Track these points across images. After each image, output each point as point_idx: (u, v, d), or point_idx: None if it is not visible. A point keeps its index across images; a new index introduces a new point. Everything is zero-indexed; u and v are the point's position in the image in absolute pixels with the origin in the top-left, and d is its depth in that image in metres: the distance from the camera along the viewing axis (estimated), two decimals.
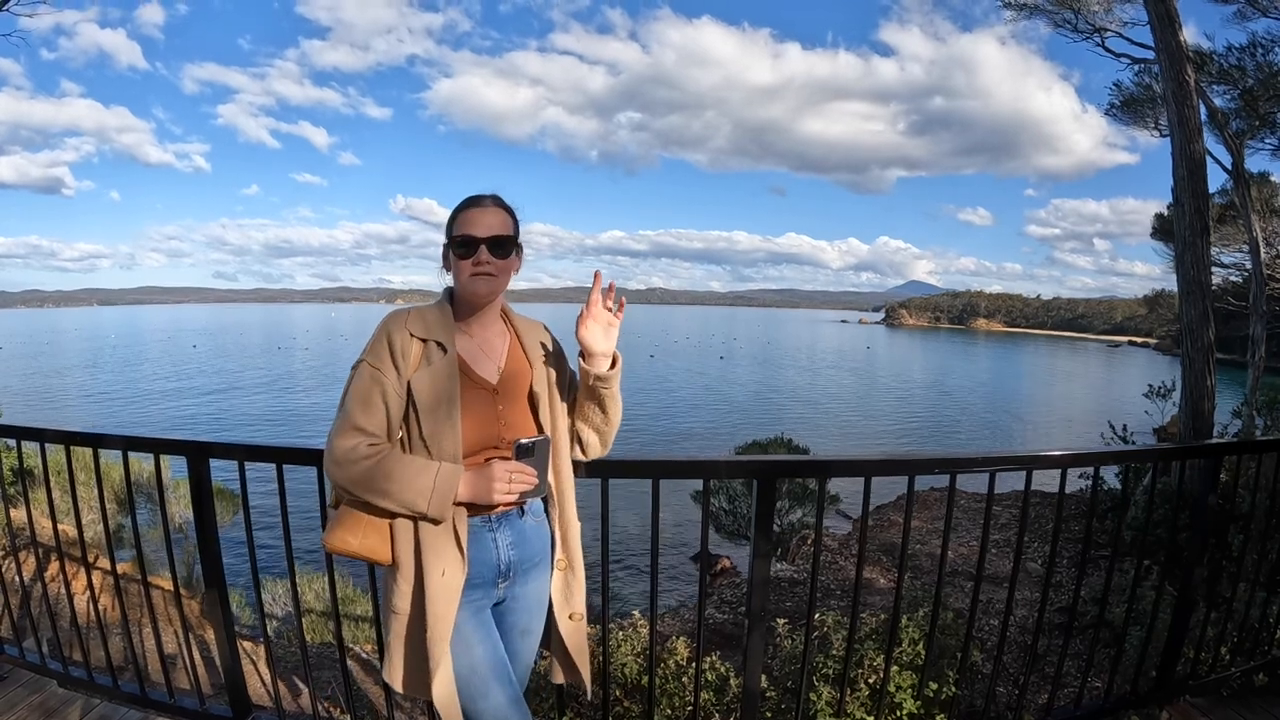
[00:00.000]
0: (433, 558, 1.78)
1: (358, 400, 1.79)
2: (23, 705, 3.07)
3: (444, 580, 1.78)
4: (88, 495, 5.70)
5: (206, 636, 4.91)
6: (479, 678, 1.84)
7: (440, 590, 1.78)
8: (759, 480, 2.42)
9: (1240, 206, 13.10)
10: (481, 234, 1.85)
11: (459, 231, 1.86)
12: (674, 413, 40.92)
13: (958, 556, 8.24)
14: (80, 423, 6.63)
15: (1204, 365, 7.84)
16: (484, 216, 1.88)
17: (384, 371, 1.79)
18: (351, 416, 1.78)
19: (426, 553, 1.78)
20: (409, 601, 1.82)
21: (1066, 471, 2.62)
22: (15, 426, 3.12)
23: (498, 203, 1.92)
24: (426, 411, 1.80)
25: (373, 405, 1.78)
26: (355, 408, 1.78)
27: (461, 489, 1.77)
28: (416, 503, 1.73)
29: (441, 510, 1.75)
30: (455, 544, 1.80)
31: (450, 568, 1.79)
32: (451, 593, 1.79)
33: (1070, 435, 35.35)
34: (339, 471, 1.76)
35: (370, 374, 1.80)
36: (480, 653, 1.86)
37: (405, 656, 1.85)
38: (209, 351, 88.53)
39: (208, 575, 2.77)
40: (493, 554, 1.91)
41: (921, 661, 3.05)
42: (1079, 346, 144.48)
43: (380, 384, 1.79)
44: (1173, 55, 7.96)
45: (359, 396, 1.79)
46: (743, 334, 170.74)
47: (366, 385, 1.79)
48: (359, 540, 1.80)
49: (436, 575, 1.78)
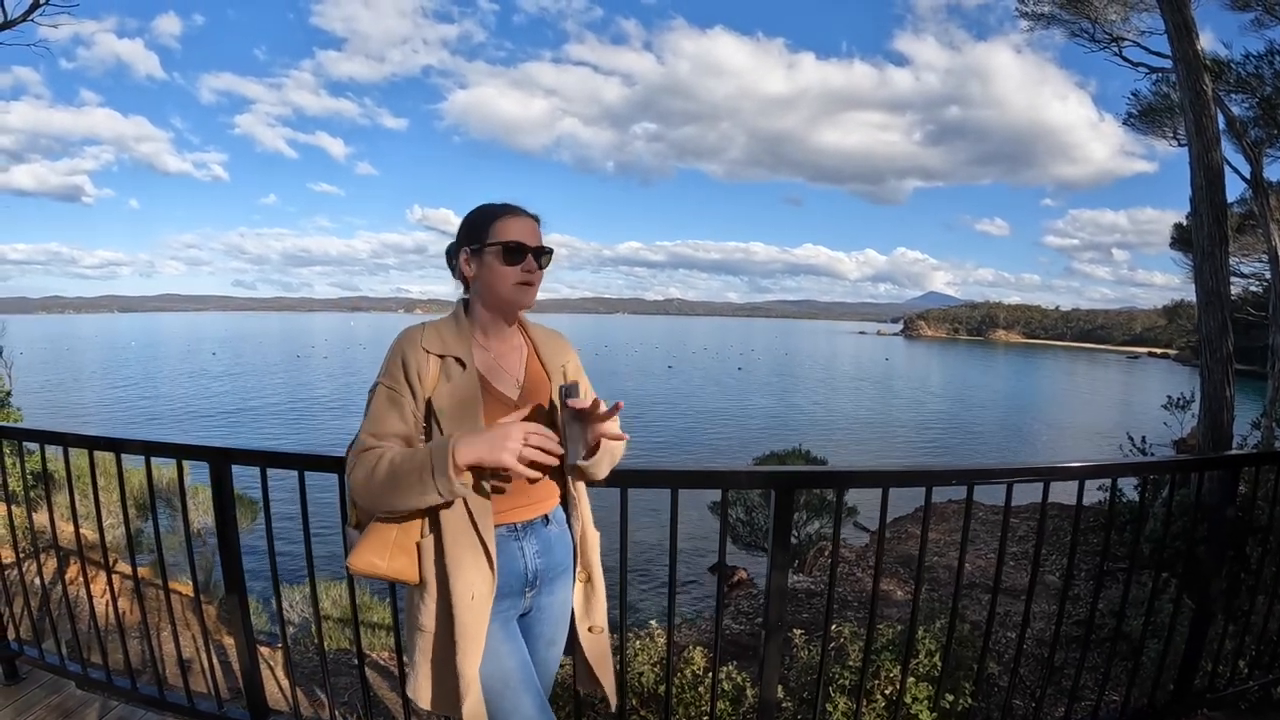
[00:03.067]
0: (460, 578, 1.75)
1: (370, 420, 1.77)
2: (41, 706, 3.10)
3: (474, 604, 1.75)
4: (108, 500, 5.76)
5: (224, 641, 4.95)
6: (511, 690, 1.81)
7: (470, 613, 1.74)
8: (777, 491, 2.41)
9: (1259, 216, 12.98)
10: (530, 242, 1.84)
11: (508, 238, 1.82)
12: (692, 423, 40.95)
13: (975, 569, 8.18)
14: (99, 428, 6.71)
15: (1223, 376, 7.78)
16: (528, 225, 1.86)
17: (400, 392, 1.77)
18: (362, 438, 1.76)
19: (453, 573, 1.75)
20: (435, 620, 1.79)
21: (1084, 483, 2.59)
22: (39, 430, 3.16)
23: (530, 212, 1.90)
24: (450, 429, 1.75)
25: (386, 424, 1.75)
26: (367, 428, 1.77)
27: (463, 449, 1.63)
28: (424, 480, 1.63)
29: (447, 478, 1.62)
30: (485, 558, 1.77)
31: (479, 589, 1.75)
32: (481, 614, 1.76)
33: (1089, 448, 35.09)
34: (358, 494, 1.75)
35: (387, 395, 1.77)
36: (512, 665, 1.83)
37: (432, 674, 1.81)
38: (228, 359, 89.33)
39: (228, 580, 2.79)
40: (520, 563, 1.87)
41: (938, 673, 3.04)
42: (1098, 358, 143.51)
43: (398, 405, 1.76)
44: (1190, 64, 7.92)
45: (372, 417, 1.77)
46: (760, 345, 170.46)
47: (381, 405, 1.77)
48: (386, 562, 1.76)
49: (465, 598, 1.74)
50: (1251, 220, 14.69)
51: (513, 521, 1.87)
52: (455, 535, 1.75)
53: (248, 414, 41.45)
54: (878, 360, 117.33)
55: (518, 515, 1.88)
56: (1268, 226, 12.48)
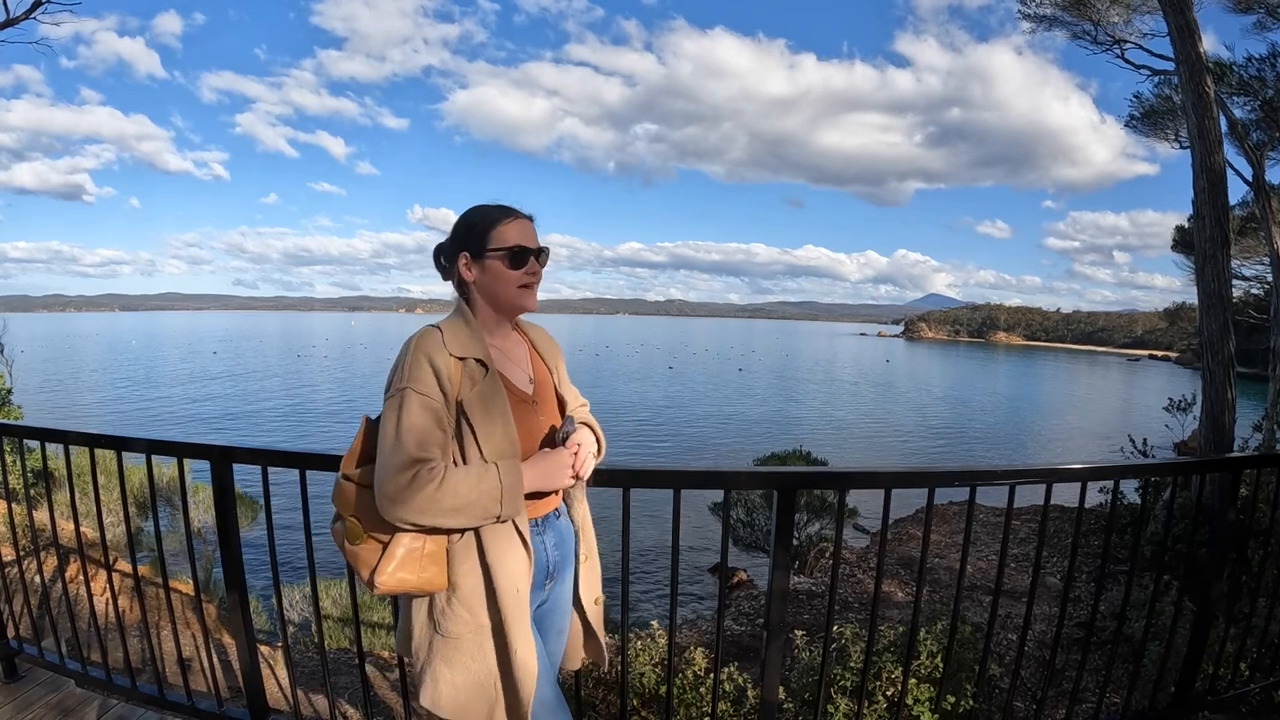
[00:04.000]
0: (503, 573, 1.75)
1: (410, 431, 1.67)
2: (40, 704, 3.10)
3: (519, 597, 1.76)
4: (109, 498, 5.76)
5: (224, 640, 4.94)
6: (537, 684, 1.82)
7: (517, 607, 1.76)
8: (778, 492, 2.42)
9: (1261, 219, 12.96)
10: (533, 245, 1.85)
11: (511, 242, 1.83)
12: (693, 424, 40.96)
13: (976, 570, 8.19)
14: (99, 427, 6.84)
15: (1224, 378, 7.77)
16: (527, 228, 1.87)
17: (431, 396, 1.70)
18: (405, 449, 1.65)
19: (496, 569, 1.75)
20: (467, 624, 1.76)
21: (1086, 485, 2.59)
22: (40, 428, 3.15)
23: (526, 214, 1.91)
24: (483, 428, 1.75)
25: (427, 434, 1.68)
26: (408, 439, 1.66)
27: (528, 476, 1.75)
28: (489, 508, 1.68)
29: (516, 506, 1.71)
30: (523, 550, 1.79)
31: (522, 582, 1.77)
32: (526, 606, 1.79)
33: (1090, 450, 35.09)
34: (400, 509, 1.64)
35: (419, 401, 1.69)
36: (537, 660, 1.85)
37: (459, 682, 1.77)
38: (229, 358, 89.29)
39: (228, 579, 2.79)
40: (544, 556, 1.92)
41: (939, 674, 3.04)
42: (1099, 360, 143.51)
43: (431, 409, 1.70)
44: (1192, 66, 7.91)
45: (410, 427, 1.67)
46: (761, 346, 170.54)
47: (416, 413, 1.68)
48: (418, 575, 1.72)
49: (511, 592, 1.75)
50: (1253, 223, 14.67)
51: (535, 516, 1.91)
52: (494, 531, 1.76)
53: (248, 415, 41.41)
54: (879, 362, 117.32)
55: (539, 509, 1.92)
56: (1269, 229, 12.47)
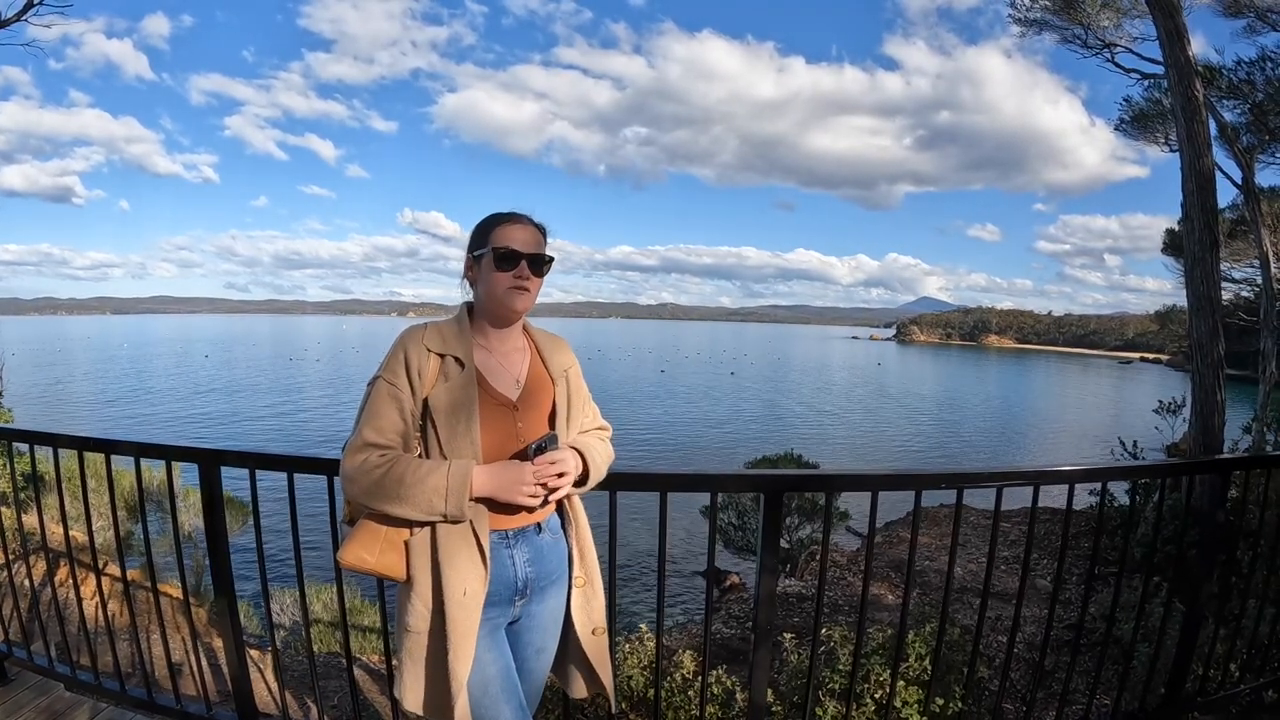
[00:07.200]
0: (453, 574, 1.76)
1: (371, 416, 1.78)
2: (29, 707, 3.09)
3: (465, 600, 1.76)
4: (98, 502, 5.73)
5: (214, 644, 4.93)
6: (490, 698, 1.82)
7: (461, 610, 1.76)
8: (766, 494, 2.42)
9: (1250, 221, 13.03)
10: (524, 249, 1.87)
11: (502, 244, 1.86)
12: (684, 428, 40.93)
13: (965, 573, 8.20)
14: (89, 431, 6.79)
15: (1214, 380, 7.79)
16: (525, 233, 1.89)
17: (399, 387, 1.79)
18: (363, 432, 1.77)
19: (446, 569, 1.77)
20: (425, 621, 1.80)
21: (1074, 487, 2.60)
22: (29, 431, 3.14)
23: (533, 222, 1.93)
24: (445, 426, 1.80)
25: (386, 420, 1.78)
26: (367, 423, 1.78)
27: (480, 480, 1.75)
28: (434, 503, 1.72)
29: (460, 506, 1.73)
30: (478, 556, 1.79)
31: (472, 585, 1.77)
32: (473, 612, 1.77)
33: (1080, 452, 35.20)
34: (352, 486, 1.76)
35: (386, 390, 1.79)
36: (493, 672, 1.84)
37: (419, 676, 1.82)
38: (219, 362, 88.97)
39: (217, 583, 2.78)
40: (510, 571, 1.89)
41: (928, 677, 3.05)
42: (1090, 363, 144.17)
43: (396, 399, 1.79)
44: (1182, 70, 7.94)
45: (372, 412, 1.79)
46: (753, 350, 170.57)
47: (382, 401, 1.79)
48: (375, 557, 1.78)
49: (458, 594, 1.76)
50: (1243, 225, 14.76)
51: (504, 528, 1.88)
52: (449, 531, 1.78)
53: (238, 419, 41.25)
54: (870, 365, 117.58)
55: (509, 522, 1.88)
56: (1259, 232, 12.54)
